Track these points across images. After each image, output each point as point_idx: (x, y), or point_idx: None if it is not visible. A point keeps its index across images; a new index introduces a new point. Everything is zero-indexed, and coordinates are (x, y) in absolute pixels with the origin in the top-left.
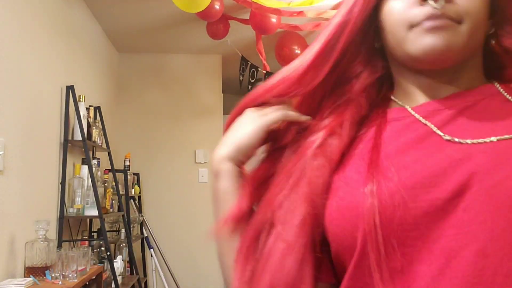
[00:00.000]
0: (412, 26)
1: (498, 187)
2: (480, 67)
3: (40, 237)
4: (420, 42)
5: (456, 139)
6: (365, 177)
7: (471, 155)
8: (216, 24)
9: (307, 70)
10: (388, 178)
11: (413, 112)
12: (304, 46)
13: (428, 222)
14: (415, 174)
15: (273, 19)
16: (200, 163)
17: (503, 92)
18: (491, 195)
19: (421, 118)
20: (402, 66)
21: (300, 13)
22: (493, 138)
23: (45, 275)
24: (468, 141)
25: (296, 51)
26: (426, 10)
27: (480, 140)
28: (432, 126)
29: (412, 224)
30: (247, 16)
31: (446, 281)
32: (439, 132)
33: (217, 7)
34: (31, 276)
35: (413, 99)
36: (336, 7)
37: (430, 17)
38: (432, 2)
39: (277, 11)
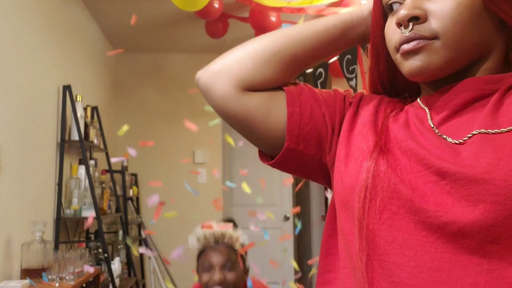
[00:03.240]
0: (397, 50)
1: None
2: (494, 68)
3: (37, 238)
4: (403, 67)
5: (446, 137)
6: (367, 155)
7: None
8: (215, 22)
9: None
10: (385, 159)
11: (428, 113)
12: None
13: (412, 198)
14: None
15: (273, 17)
16: (199, 163)
17: None
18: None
19: (432, 124)
20: None
21: (301, 10)
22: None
23: (41, 277)
24: (455, 141)
25: None
26: (399, 34)
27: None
28: (432, 126)
29: (396, 197)
30: (246, 15)
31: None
32: (436, 130)
33: (216, 5)
34: (27, 278)
35: (432, 102)
36: (335, 5)
37: (404, 41)
38: (402, 28)
39: (277, 9)
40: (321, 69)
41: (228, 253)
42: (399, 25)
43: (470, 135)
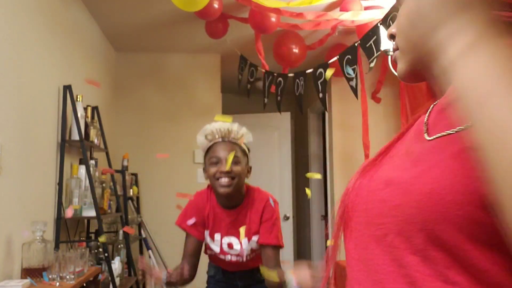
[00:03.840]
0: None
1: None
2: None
3: (37, 238)
4: None
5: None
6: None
7: None
8: (215, 23)
9: None
10: (365, 178)
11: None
12: (302, 45)
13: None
14: (376, 179)
15: (272, 18)
16: (199, 163)
17: None
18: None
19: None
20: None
21: (300, 15)
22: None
23: (42, 276)
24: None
25: (294, 50)
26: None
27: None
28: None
29: (359, 215)
30: (246, 15)
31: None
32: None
33: (216, 6)
34: (28, 277)
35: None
36: (334, 6)
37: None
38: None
39: (277, 11)
40: (321, 69)
41: (234, 148)
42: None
43: (436, 136)
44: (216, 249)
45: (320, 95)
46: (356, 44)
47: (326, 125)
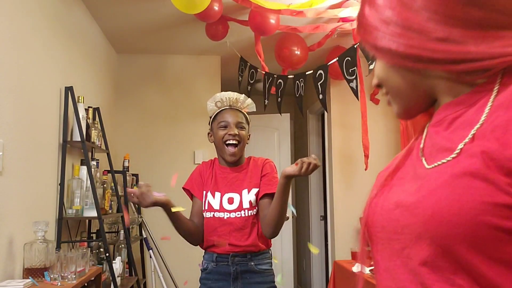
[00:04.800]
0: None
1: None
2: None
3: (39, 238)
4: None
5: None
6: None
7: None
8: (215, 25)
9: None
10: (380, 196)
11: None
12: (303, 47)
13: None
14: (392, 198)
15: (272, 20)
16: (199, 163)
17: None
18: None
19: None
20: None
21: (300, 13)
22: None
23: (43, 276)
24: (428, 166)
25: (296, 52)
26: None
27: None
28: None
29: (379, 231)
30: (246, 17)
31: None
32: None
33: (216, 8)
34: (29, 277)
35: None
36: (334, 7)
37: None
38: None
39: (277, 11)
40: (321, 71)
41: (240, 115)
42: None
43: (433, 165)
44: (216, 205)
45: (320, 96)
46: (355, 46)
47: (325, 126)
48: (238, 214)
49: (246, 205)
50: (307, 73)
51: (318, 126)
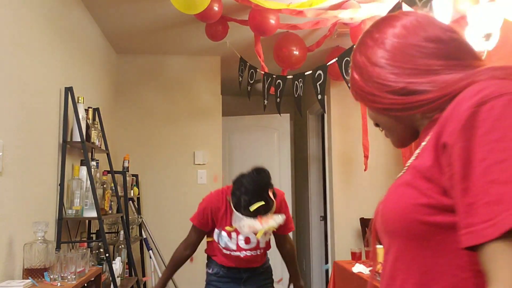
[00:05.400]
0: None
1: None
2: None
3: (39, 238)
4: None
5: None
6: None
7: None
8: (215, 25)
9: None
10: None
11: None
12: (302, 47)
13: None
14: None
15: (272, 20)
16: (199, 164)
17: None
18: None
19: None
20: None
21: (300, 13)
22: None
23: (43, 277)
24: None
25: (295, 52)
26: None
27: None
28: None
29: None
30: (246, 17)
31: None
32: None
33: (216, 8)
34: (29, 277)
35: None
36: (334, 7)
37: None
38: None
39: (277, 10)
40: (320, 71)
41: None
42: None
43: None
44: (233, 246)
45: (319, 96)
46: (355, 46)
47: (325, 127)
48: (254, 253)
49: (262, 244)
50: (306, 73)
51: (318, 126)
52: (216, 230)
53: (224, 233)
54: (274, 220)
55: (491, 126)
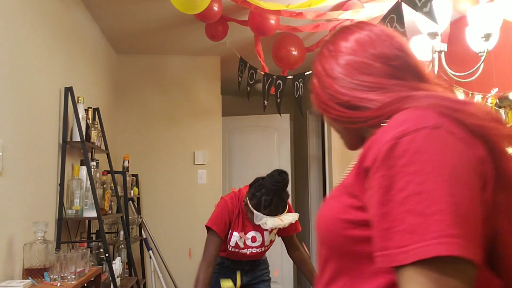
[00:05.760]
0: None
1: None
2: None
3: (39, 238)
4: None
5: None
6: None
7: None
8: (214, 25)
9: None
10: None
11: None
12: (301, 47)
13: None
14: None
15: (272, 20)
16: (199, 164)
17: None
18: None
19: None
20: None
21: (300, 14)
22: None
23: (43, 277)
24: None
25: (293, 52)
26: None
27: None
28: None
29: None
30: (246, 18)
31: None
32: None
33: (215, 8)
34: (29, 277)
35: None
36: (334, 8)
37: None
38: None
39: (276, 12)
40: None
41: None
42: None
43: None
44: (241, 244)
45: None
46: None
47: (325, 127)
48: (259, 250)
49: (267, 243)
50: (306, 73)
51: (318, 126)
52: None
53: (236, 233)
54: (292, 217)
55: (410, 159)
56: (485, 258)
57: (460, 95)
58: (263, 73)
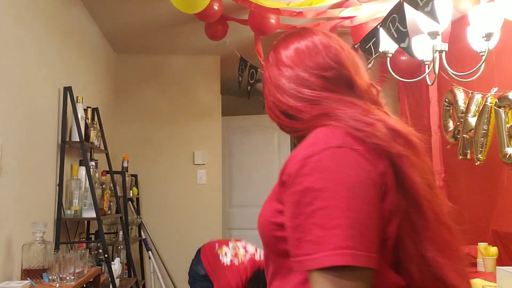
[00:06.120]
0: None
1: None
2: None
3: (38, 239)
4: None
5: None
6: None
7: None
8: (214, 25)
9: None
10: None
11: None
12: None
13: None
14: None
15: (272, 19)
16: (199, 164)
17: None
18: None
19: None
20: None
21: (300, 13)
22: None
23: (42, 278)
24: None
25: None
26: None
27: None
28: None
29: None
30: (246, 17)
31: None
32: None
33: (215, 7)
34: (28, 278)
35: None
36: (335, 6)
37: None
38: None
39: (276, 11)
40: None
41: None
42: None
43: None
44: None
45: None
46: (356, 46)
47: None
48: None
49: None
50: None
51: None
52: None
53: None
54: None
55: (317, 177)
56: (392, 259)
57: (459, 94)
58: (263, 72)
